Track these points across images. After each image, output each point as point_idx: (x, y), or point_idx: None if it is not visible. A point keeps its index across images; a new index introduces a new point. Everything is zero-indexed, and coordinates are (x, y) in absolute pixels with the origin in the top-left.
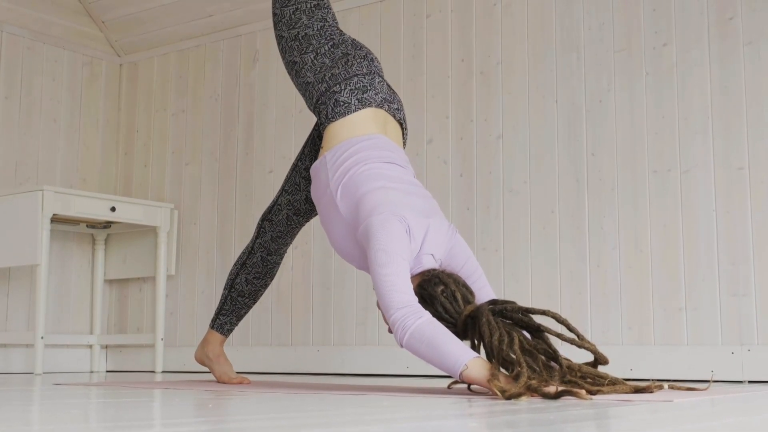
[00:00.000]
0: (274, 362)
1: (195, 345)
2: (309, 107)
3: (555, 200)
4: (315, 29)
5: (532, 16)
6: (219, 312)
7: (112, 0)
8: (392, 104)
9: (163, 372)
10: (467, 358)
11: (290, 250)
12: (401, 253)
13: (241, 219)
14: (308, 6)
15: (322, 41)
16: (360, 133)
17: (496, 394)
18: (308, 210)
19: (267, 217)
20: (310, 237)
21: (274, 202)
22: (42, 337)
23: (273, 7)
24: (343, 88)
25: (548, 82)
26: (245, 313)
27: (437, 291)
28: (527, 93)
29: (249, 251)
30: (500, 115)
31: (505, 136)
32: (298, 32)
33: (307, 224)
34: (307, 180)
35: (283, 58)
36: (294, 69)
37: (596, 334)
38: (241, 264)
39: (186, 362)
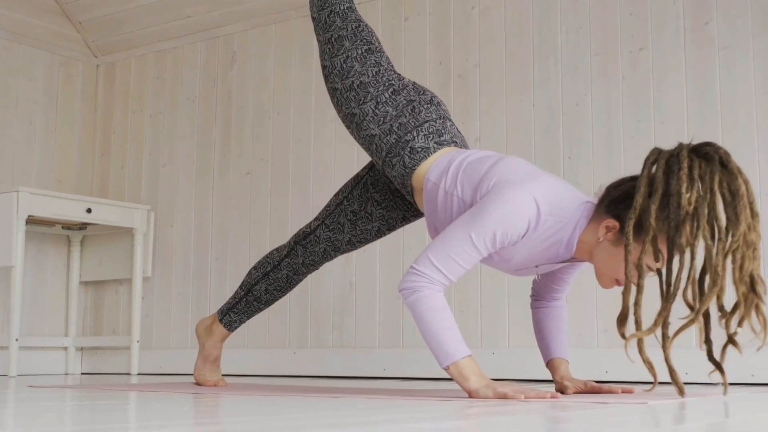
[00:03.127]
0: (250, 364)
1: (171, 347)
2: (375, 160)
3: None
4: (370, 76)
5: (509, 19)
6: (231, 309)
7: (89, 0)
8: (466, 145)
9: (138, 374)
10: (454, 359)
11: (266, 252)
12: (486, 247)
13: (218, 221)
14: (359, 52)
15: (381, 89)
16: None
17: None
18: (348, 249)
19: (302, 243)
20: (286, 238)
21: (312, 231)
22: (16, 339)
23: (322, 59)
24: (416, 135)
25: (525, 86)
26: (256, 314)
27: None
28: (504, 96)
29: (275, 265)
30: (477, 118)
31: (483, 138)
32: (353, 81)
33: (283, 223)
34: (353, 223)
35: (339, 111)
36: (354, 122)
37: (572, 336)
38: (264, 274)
39: (162, 364)
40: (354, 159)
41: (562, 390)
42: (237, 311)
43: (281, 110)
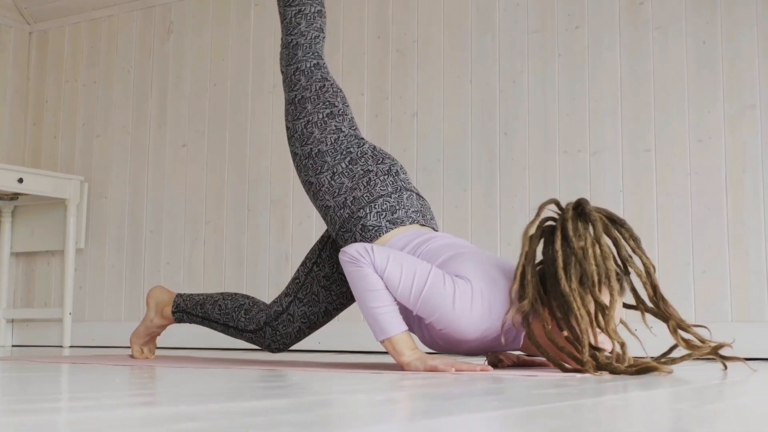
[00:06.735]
0: (185, 337)
1: (103, 320)
2: (330, 231)
3: (467, 179)
4: (328, 143)
5: None
6: (186, 312)
7: None
8: (425, 215)
9: (71, 347)
10: (389, 335)
11: (201, 225)
12: (424, 303)
13: (152, 193)
14: (320, 117)
15: (338, 158)
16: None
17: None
18: (325, 322)
19: (271, 324)
20: (222, 211)
21: (284, 310)
22: None
23: (286, 120)
24: (368, 212)
25: (463, 62)
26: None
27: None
28: (442, 72)
29: (239, 331)
30: (415, 94)
31: (420, 114)
32: (311, 149)
33: (219, 196)
34: (327, 289)
35: (299, 176)
36: (311, 190)
37: None
38: (225, 324)
39: (94, 337)
40: None
41: (494, 363)
42: (190, 319)
43: (218, 82)
